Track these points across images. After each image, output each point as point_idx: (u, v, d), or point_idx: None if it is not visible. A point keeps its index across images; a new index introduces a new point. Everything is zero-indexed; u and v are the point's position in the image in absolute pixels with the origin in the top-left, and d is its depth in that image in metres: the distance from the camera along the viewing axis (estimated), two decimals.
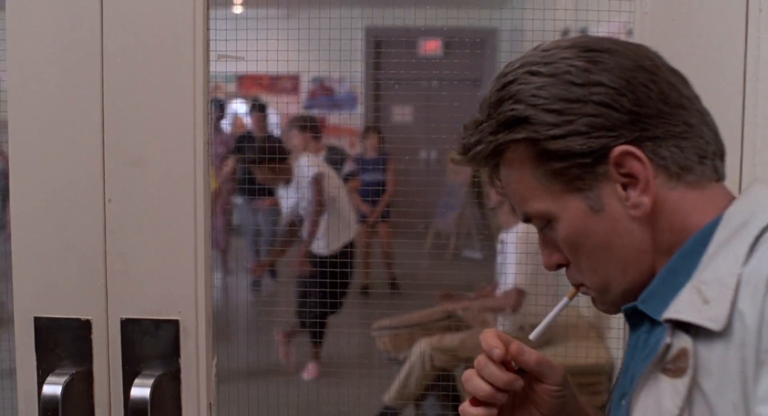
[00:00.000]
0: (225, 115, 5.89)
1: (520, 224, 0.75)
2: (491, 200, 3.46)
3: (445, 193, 5.75)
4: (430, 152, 5.57)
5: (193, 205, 0.98)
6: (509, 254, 3.10)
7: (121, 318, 0.99)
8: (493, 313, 3.30)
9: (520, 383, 0.80)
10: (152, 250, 0.99)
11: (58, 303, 0.99)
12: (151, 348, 0.99)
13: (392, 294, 4.85)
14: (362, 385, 3.19)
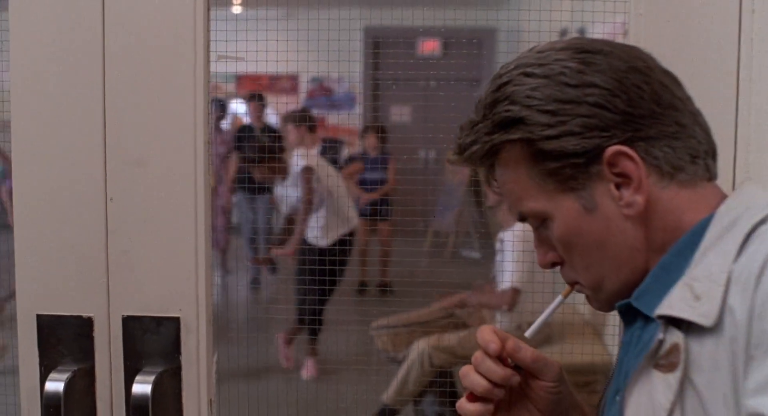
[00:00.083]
0: (225, 115, 5.89)
1: (519, 223, 0.77)
2: (490, 199, 3.45)
3: (444, 193, 5.75)
4: (429, 152, 5.56)
5: (194, 204, 0.98)
6: (507, 253, 3.10)
7: (123, 315, 0.99)
8: (489, 310, 3.30)
9: (516, 378, 0.81)
10: (153, 248, 0.99)
11: (61, 300, 1.00)
12: (152, 345, 0.99)
13: (387, 295, 4.84)
14: (361, 384, 3.20)
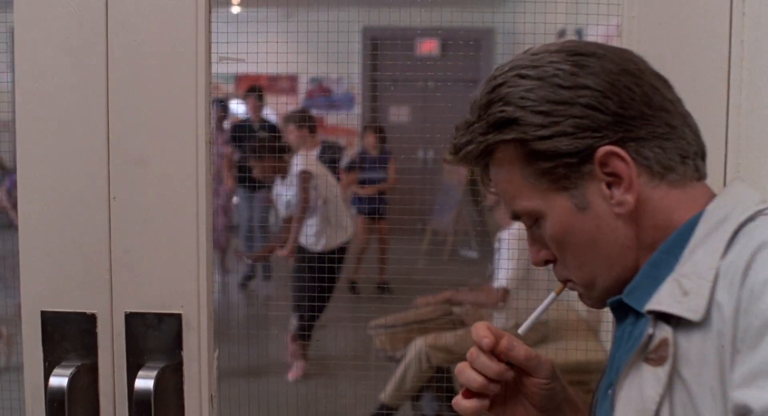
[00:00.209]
0: (228, 116, 5.90)
1: (517, 223, 0.78)
2: (488, 199, 3.46)
3: (443, 193, 5.76)
4: (427, 152, 5.57)
5: (195, 203, 0.99)
6: (503, 251, 3.12)
7: (126, 312, 1.00)
8: (487, 309, 3.32)
9: (510, 373, 0.83)
10: (155, 246, 1.00)
11: (65, 297, 1.01)
12: (154, 341, 1.00)
13: (384, 293, 4.84)
14: (359, 383, 3.21)
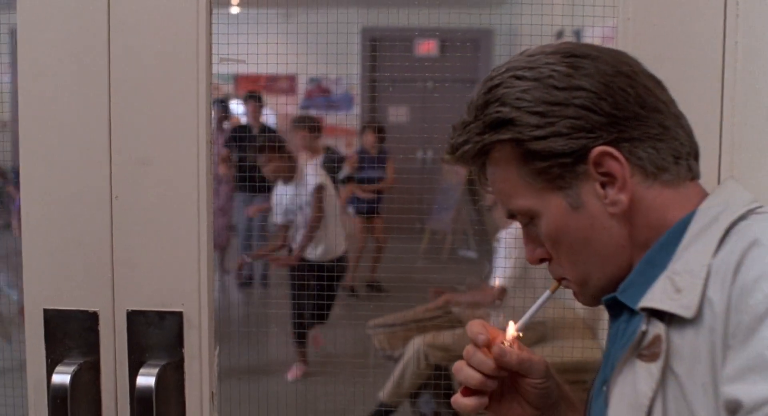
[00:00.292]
0: (228, 116, 5.90)
1: (516, 223, 0.79)
2: (487, 199, 3.47)
3: (441, 193, 5.77)
4: (426, 152, 5.59)
5: (196, 202, 1.00)
6: (501, 249, 3.12)
7: (127, 309, 1.01)
8: (484, 309, 3.33)
9: (504, 371, 0.84)
10: (157, 245, 1.01)
11: (67, 295, 1.02)
12: (155, 338, 1.01)
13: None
14: (358, 382, 3.22)
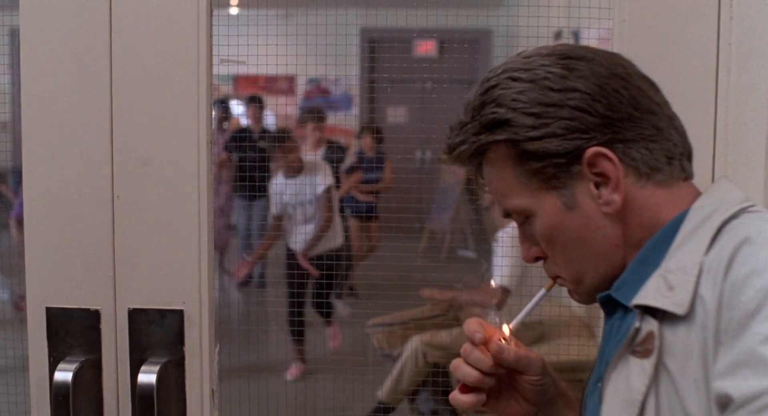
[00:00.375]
0: (229, 117, 5.91)
1: (514, 222, 0.80)
2: (485, 199, 3.48)
3: (440, 193, 5.78)
4: (425, 152, 5.60)
5: (197, 202, 1.02)
6: (500, 248, 3.13)
7: (129, 308, 1.02)
8: (482, 309, 3.34)
9: (502, 368, 0.86)
10: (158, 244, 1.02)
11: (69, 293, 1.03)
12: (156, 336, 1.02)
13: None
14: (357, 381, 3.23)
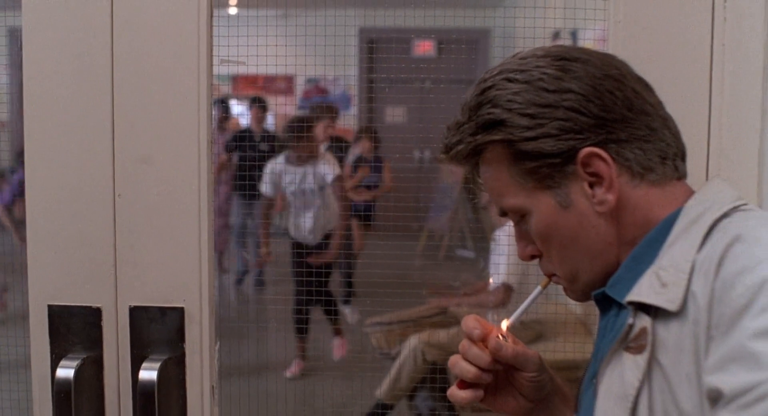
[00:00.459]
0: (228, 116, 5.90)
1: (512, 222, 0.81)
2: (483, 198, 3.49)
3: (438, 193, 5.78)
4: (423, 152, 5.60)
5: (197, 200, 1.03)
6: (501, 247, 3.14)
7: (130, 305, 1.03)
8: (482, 309, 3.35)
9: (499, 364, 0.87)
10: (159, 242, 1.03)
11: (71, 291, 1.04)
12: (157, 333, 1.03)
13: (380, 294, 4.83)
14: (355, 380, 3.24)
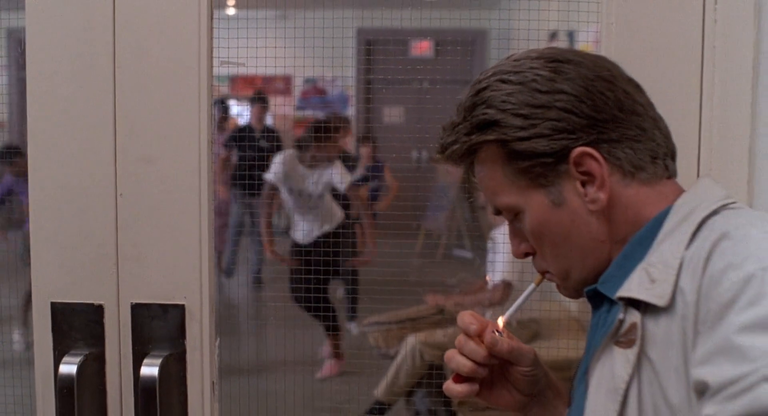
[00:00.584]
0: (227, 116, 5.91)
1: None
2: (481, 198, 3.50)
3: (436, 193, 5.79)
4: (421, 152, 5.61)
5: (198, 199, 1.04)
6: (499, 245, 3.15)
7: (131, 302, 1.05)
8: (482, 309, 3.36)
9: (494, 359, 0.89)
10: (160, 240, 1.05)
11: (73, 289, 1.06)
12: (158, 330, 1.05)
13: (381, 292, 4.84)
14: (353, 379, 3.25)
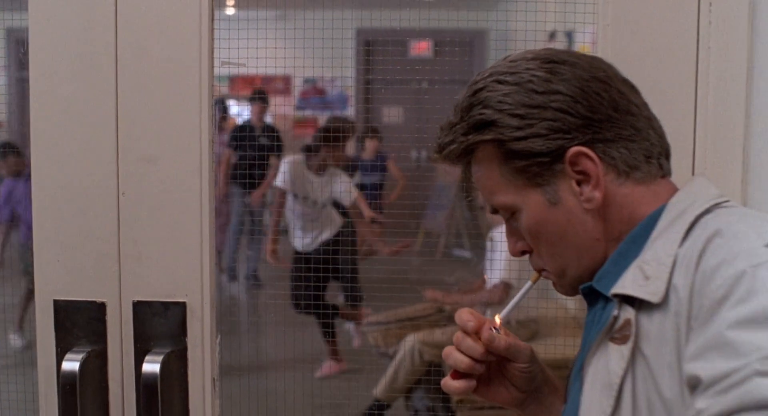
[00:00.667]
0: (227, 116, 5.92)
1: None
2: (480, 198, 3.51)
3: (436, 193, 5.80)
4: (420, 152, 5.62)
5: (199, 198, 1.05)
6: (498, 244, 3.16)
7: (133, 300, 1.06)
8: (482, 307, 3.38)
9: (492, 355, 0.90)
10: (161, 239, 1.06)
11: (76, 287, 1.07)
12: (160, 327, 1.06)
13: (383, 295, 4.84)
14: (353, 378, 3.26)
